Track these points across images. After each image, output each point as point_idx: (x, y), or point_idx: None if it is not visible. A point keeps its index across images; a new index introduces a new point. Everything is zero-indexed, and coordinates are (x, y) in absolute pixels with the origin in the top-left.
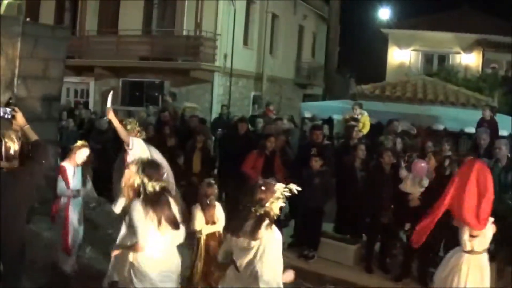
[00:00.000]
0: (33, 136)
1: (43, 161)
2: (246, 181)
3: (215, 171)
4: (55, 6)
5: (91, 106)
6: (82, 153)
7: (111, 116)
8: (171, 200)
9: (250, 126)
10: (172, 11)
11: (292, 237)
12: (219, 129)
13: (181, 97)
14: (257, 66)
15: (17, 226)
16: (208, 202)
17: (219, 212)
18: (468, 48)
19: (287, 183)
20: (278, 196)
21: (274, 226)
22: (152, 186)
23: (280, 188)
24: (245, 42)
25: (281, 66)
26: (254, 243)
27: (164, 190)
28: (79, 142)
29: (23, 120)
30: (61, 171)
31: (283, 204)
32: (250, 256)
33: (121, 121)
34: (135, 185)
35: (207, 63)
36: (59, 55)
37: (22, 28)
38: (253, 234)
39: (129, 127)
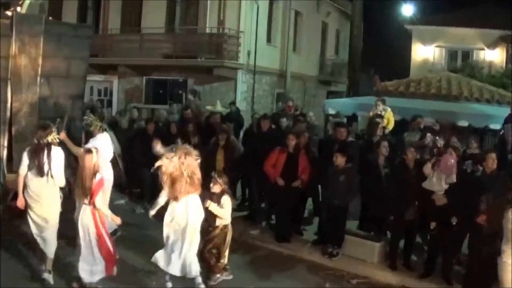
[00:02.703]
0: None
1: None
2: (268, 179)
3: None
4: (78, 4)
5: (114, 104)
6: None
7: (63, 137)
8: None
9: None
10: (195, 8)
11: (316, 235)
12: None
13: (204, 94)
14: (281, 64)
15: None
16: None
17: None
18: (492, 44)
19: (313, 180)
20: None
21: None
22: (36, 139)
23: None
24: (269, 40)
25: (305, 63)
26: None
27: (47, 144)
28: None
29: None
30: None
31: None
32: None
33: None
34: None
35: (230, 61)
36: (82, 53)
37: (44, 27)
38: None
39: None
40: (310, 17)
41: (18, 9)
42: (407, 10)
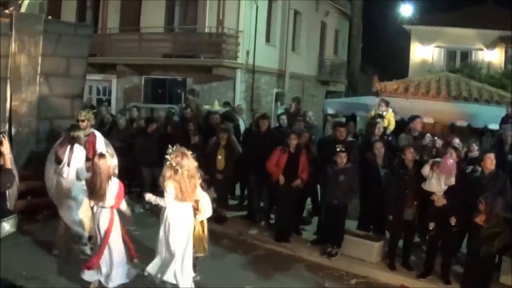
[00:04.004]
0: (8, 165)
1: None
2: (268, 179)
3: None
4: (77, 4)
5: (113, 103)
6: None
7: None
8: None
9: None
10: (194, 8)
11: (315, 234)
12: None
13: (203, 94)
14: (280, 63)
15: None
16: None
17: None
18: (491, 45)
19: (313, 180)
20: None
21: None
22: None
23: None
24: (268, 39)
25: (304, 63)
26: None
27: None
28: None
29: (8, 149)
30: None
31: None
32: None
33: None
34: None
35: (229, 60)
36: (82, 52)
37: (44, 26)
38: None
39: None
40: (309, 16)
41: (18, 8)
42: (406, 10)
